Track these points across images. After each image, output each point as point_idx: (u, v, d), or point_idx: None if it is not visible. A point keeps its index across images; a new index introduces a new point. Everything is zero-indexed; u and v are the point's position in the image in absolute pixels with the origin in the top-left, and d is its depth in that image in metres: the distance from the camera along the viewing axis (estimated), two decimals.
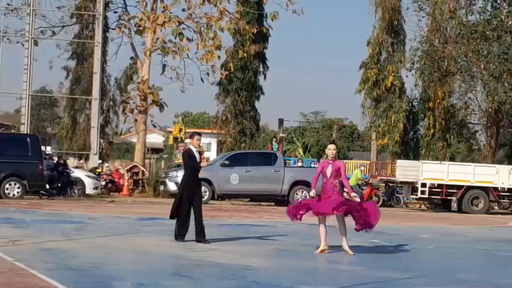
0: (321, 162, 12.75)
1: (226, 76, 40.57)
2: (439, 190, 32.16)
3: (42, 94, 62.32)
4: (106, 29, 40.06)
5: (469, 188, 32.03)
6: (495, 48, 39.31)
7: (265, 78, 43.93)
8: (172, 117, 78.97)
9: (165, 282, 9.53)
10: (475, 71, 41.18)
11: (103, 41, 38.74)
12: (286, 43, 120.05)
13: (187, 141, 50.07)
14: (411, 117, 47.26)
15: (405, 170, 33.54)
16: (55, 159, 32.25)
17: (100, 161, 37.77)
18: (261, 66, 43.56)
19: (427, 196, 32.40)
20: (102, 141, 40.91)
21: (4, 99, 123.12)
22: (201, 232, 13.76)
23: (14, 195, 27.38)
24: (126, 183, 34.90)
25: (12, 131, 46.55)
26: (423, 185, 32.03)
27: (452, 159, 42.61)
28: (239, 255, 12.53)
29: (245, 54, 40.36)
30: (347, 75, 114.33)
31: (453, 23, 41.97)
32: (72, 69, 43.39)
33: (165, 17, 37.12)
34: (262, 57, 43.26)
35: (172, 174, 30.38)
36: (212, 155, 47.72)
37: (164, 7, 37.75)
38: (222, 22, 37.44)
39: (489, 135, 44.08)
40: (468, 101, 43.53)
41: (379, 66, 46.60)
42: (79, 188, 30.77)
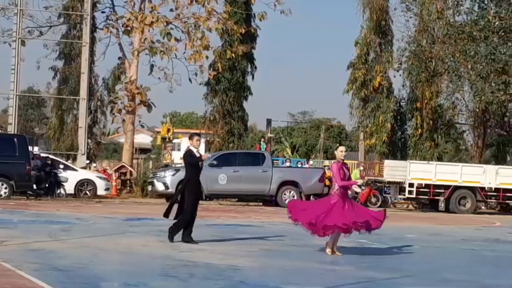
0: (335, 163, 12.88)
1: (214, 76, 40.53)
2: (427, 190, 32.26)
3: (29, 94, 61.95)
4: (94, 29, 39.88)
5: (456, 188, 32.14)
6: (482, 48, 39.42)
7: (253, 78, 43.88)
8: (160, 117, 78.99)
9: (152, 282, 9.53)
10: (463, 71, 41.29)
11: (91, 41, 38.60)
12: (274, 43, 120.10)
13: (178, 141, 49.83)
14: (399, 118, 47.26)
15: (393, 170, 33.56)
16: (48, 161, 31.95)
17: (88, 161, 37.64)
18: (249, 67, 43.47)
19: (414, 196, 32.50)
20: (89, 141, 40.72)
21: None
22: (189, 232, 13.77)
23: (1, 196, 27.32)
24: (114, 184, 34.84)
25: None
26: (411, 185, 32.11)
27: (439, 159, 42.65)
28: (226, 255, 12.54)
29: (233, 55, 40.28)
30: (335, 76, 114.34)
31: (441, 23, 42.05)
32: (59, 69, 43.13)
33: (153, 17, 37.06)
34: (250, 58, 43.17)
35: (160, 174, 30.33)
36: None
37: (152, 7, 37.68)
38: (210, 22, 37.41)
39: (476, 135, 44.22)
40: (455, 101, 43.60)
41: (367, 66, 46.57)
42: (90, 188, 31.26)
